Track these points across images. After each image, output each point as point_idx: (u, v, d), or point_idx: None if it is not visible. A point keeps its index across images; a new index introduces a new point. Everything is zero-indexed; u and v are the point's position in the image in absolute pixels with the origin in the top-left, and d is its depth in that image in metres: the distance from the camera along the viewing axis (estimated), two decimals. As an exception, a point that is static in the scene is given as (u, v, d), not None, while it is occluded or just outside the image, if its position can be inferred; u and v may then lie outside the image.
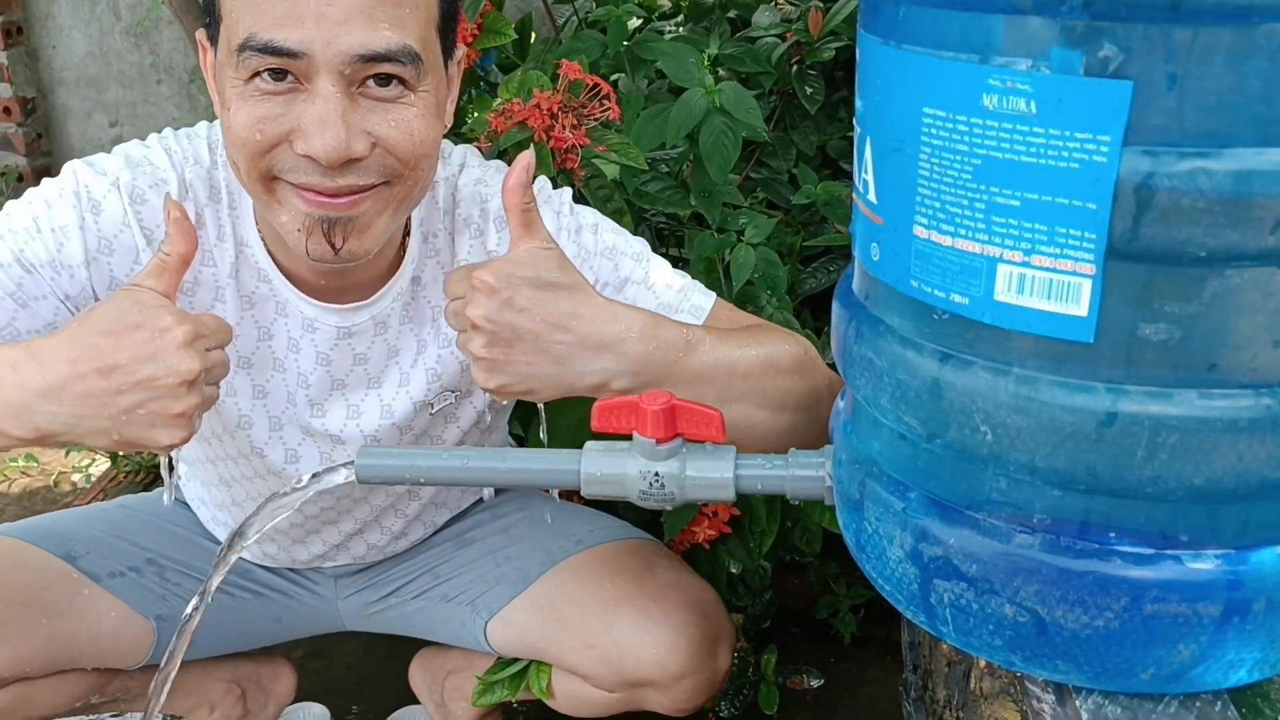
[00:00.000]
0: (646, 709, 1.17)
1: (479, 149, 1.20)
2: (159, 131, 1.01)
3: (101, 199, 0.94)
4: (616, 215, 1.31)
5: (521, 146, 1.24)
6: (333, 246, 0.88)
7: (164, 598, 1.19)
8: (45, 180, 0.96)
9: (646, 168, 1.27)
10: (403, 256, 1.02)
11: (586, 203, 1.32)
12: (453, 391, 1.10)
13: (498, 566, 1.22)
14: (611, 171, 1.25)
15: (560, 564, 1.20)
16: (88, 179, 0.94)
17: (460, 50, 0.96)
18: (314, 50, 0.81)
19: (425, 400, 1.08)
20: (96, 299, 0.95)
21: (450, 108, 0.96)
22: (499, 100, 1.63)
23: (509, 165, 1.03)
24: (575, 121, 1.25)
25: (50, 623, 1.09)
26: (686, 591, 1.15)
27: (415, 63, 0.85)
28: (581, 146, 1.24)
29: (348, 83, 0.83)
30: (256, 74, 0.83)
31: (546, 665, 1.23)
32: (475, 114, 1.69)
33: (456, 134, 1.65)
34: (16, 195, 3.60)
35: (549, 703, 1.23)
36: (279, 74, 0.83)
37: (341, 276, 0.99)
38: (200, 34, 0.91)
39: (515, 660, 1.26)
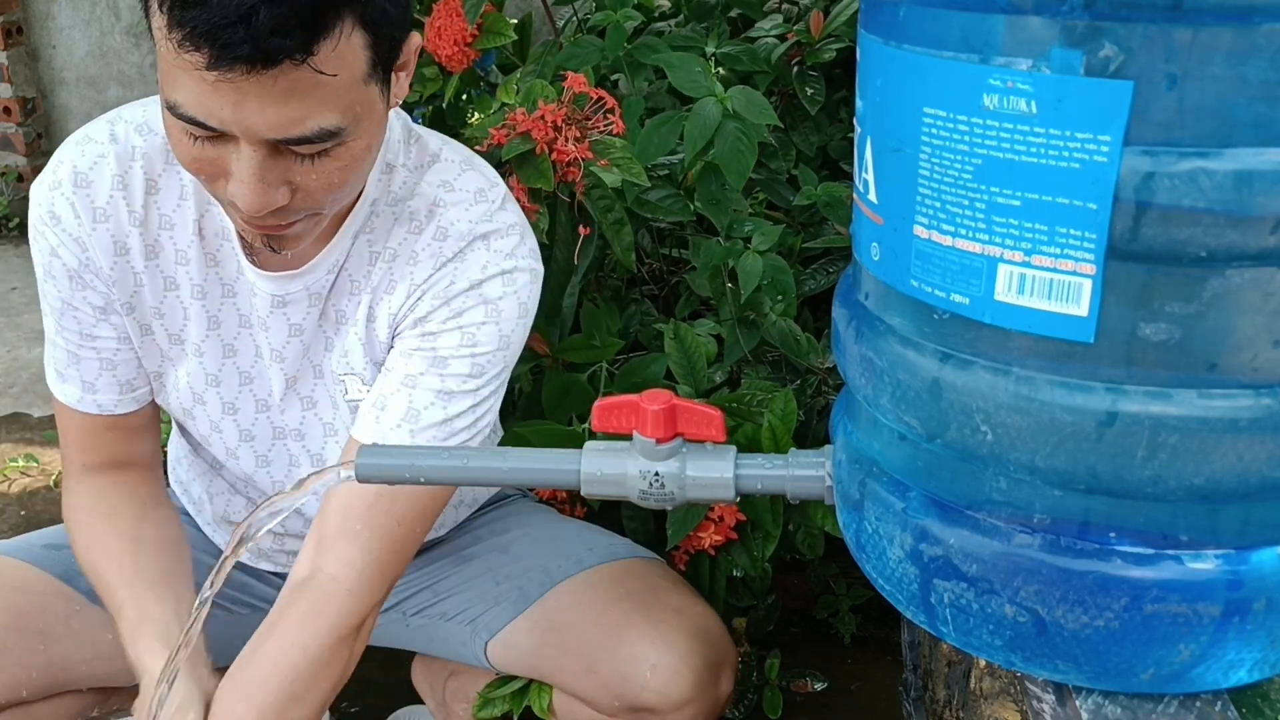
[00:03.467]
0: None
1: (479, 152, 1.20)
2: None
3: (54, 208, 0.98)
4: (617, 226, 1.31)
5: (525, 157, 1.24)
6: (273, 249, 0.94)
7: None
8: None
9: (648, 184, 1.26)
10: (339, 228, 1.00)
11: (587, 214, 1.32)
12: (363, 381, 1.07)
13: (497, 585, 1.21)
14: (612, 180, 1.25)
15: (560, 584, 1.19)
16: (40, 196, 0.99)
17: (411, 43, 0.91)
18: (232, 130, 0.80)
19: (339, 375, 1.06)
20: (114, 289, 1.01)
21: (400, 93, 0.93)
22: (497, 103, 1.63)
23: (491, 178, 1.02)
24: (579, 134, 1.25)
25: (47, 647, 1.08)
26: (690, 617, 1.14)
27: (338, 134, 0.83)
28: (585, 160, 1.24)
29: (270, 145, 0.82)
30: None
31: (548, 685, 1.22)
32: (476, 114, 1.69)
33: (457, 136, 1.66)
34: (16, 195, 3.60)
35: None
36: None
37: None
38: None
39: (517, 676, 1.25)
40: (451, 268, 0.99)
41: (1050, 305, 0.55)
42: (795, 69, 1.58)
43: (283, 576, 1.26)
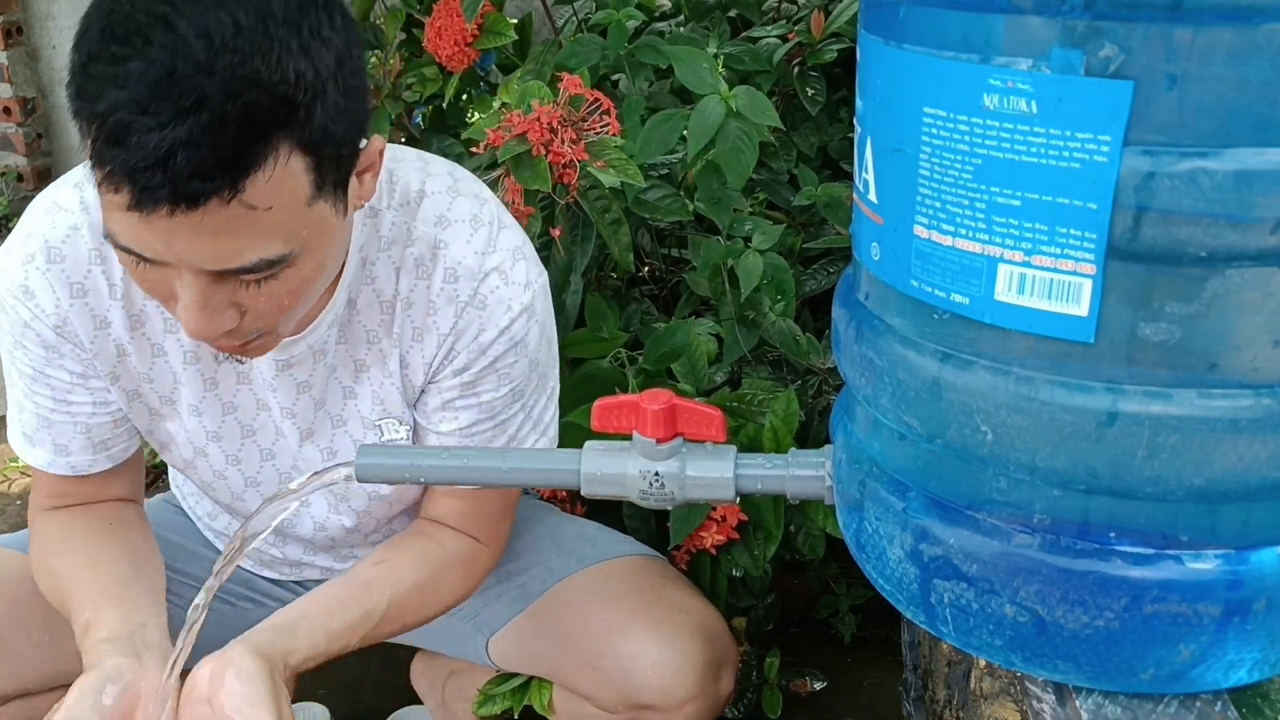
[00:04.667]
0: None
1: (474, 155, 1.19)
2: None
3: (27, 282, 0.94)
4: (615, 226, 1.31)
5: (521, 159, 1.24)
6: (239, 361, 0.92)
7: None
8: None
9: (644, 184, 1.26)
10: (337, 282, 0.96)
11: (584, 214, 1.32)
12: (400, 422, 1.06)
13: (499, 582, 1.21)
14: (610, 181, 1.25)
15: (562, 581, 1.19)
16: (11, 269, 0.94)
17: (372, 147, 0.85)
18: (169, 261, 0.77)
19: (374, 421, 1.06)
20: (96, 359, 0.98)
21: (365, 195, 0.88)
22: (497, 102, 1.63)
23: (478, 192, 0.99)
24: (575, 136, 1.24)
25: (51, 639, 1.08)
26: (692, 615, 1.14)
27: (283, 260, 0.79)
28: (580, 161, 1.24)
29: (212, 272, 0.78)
30: None
31: (549, 682, 1.22)
32: (476, 114, 1.69)
33: (455, 137, 1.66)
34: (17, 195, 3.58)
35: (550, 717, 1.23)
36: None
37: None
38: None
39: (518, 673, 1.26)
40: (475, 315, 0.97)
41: (1050, 305, 0.55)
42: (796, 69, 1.58)
43: (283, 584, 1.26)
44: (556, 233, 1.30)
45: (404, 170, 0.99)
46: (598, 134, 1.26)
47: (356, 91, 0.79)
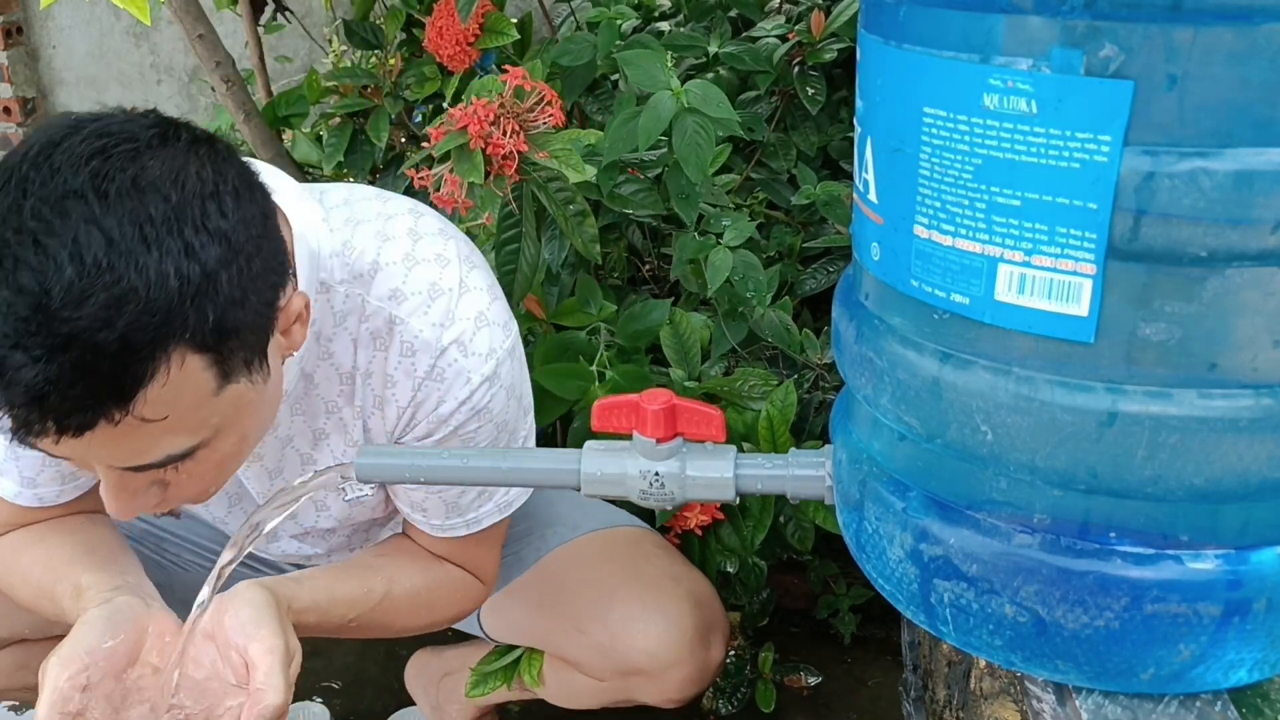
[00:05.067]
0: (637, 700, 1.17)
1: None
2: None
3: None
4: (579, 219, 1.31)
5: (461, 152, 1.23)
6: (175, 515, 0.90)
7: (162, 566, 1.19)
8: None
9: (589, 176, 1.26)
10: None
11: (543, 207, 1.32)
12: (367, 519, 1.06)
13: None
14: (576, 175, 1.25)
15: (555, 550, 1.20)
16: None
17: (292, 307, 0.81)
18: (77, 461, 0.75)
19: (336, 528, 1.06)
20: None
21: (295, 344, 0.84)
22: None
23: (440, 250, 0.94)
24: (516, 128, 1.24)
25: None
26: (681, 581, 1.16)
27: (196, 448, 0.76)
28: (520, 153, 1.24)
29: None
30: None
31: (538, 653, 1.23)
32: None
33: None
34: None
35: (539, 691, 1.23)
36: None
37: None
38: None
39: (509, 651, 1.26)
40: (434, 388, 0.94)
41: (1050, 305, 0.55)
42: (796, 69, 1.58)
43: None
44: (488, 219, 1.31)
45: (359, 238, 0.94)
46: (542, 126, 1.26)
47: (260, 270, 0.75)
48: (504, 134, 1.23)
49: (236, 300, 0.73)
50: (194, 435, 0.75)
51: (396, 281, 0.93)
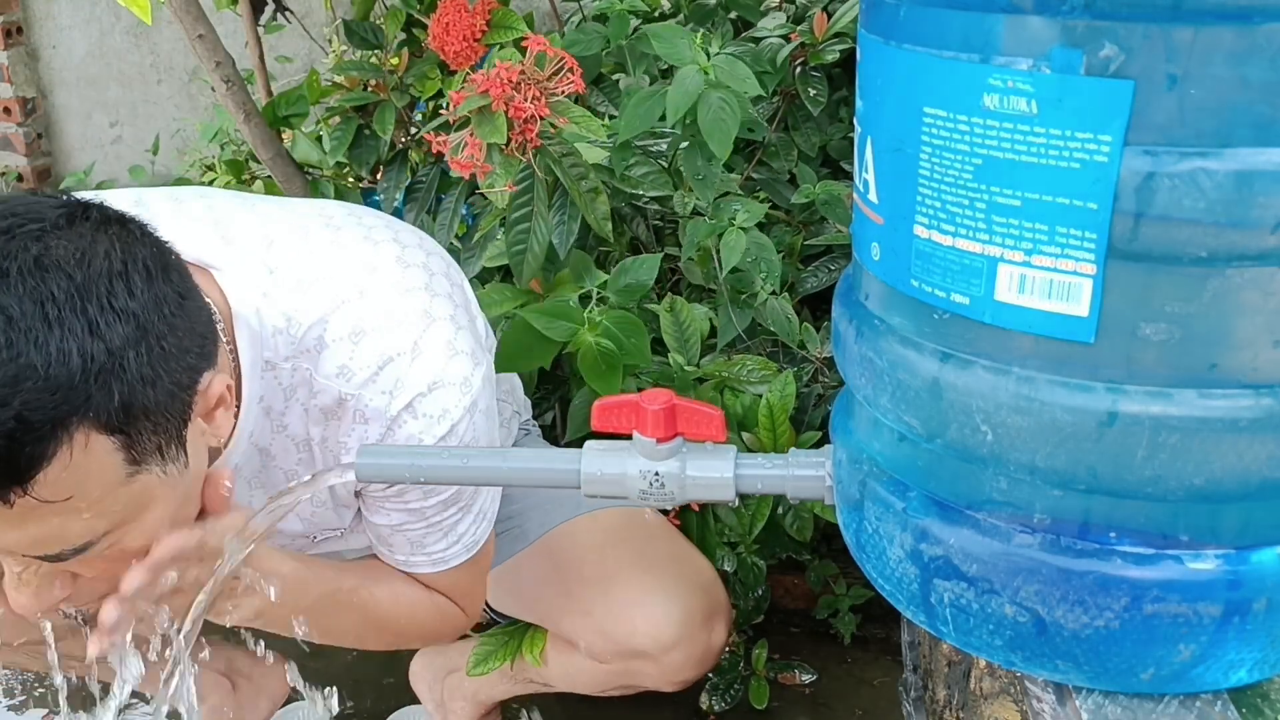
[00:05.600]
0: (638, 685, 1.17)
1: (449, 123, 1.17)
2: (157, 132, 0.99)
3: None
4: (591, 195, 1.30)
5: (482, 114, 1.22)
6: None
7: None
8: None
9: (606, 138, 1.25)
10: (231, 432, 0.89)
11: (559, 183, 1.31)
12: (335, 529, 1.05)
13: (496, 523, 1.22)
14: (593, 156, 1.24)
15: (558, 527, 1.20)
16: None
17: (213, 390, 0.79)
18: None
19: (303, 534, 1.05)
20: None
21: (220, 433, 0.82)
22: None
23: (390, 310, 0.91)
24: (537, 93, 1.24)
25: None
26: (683, 565, 1.16)
27: (105, 538, 0.74)
28: (542, 118, 1.23)
29: None
30: None
31: (541, 633, 1.23)
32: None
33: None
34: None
35: (540, 671, 1.23)
36: None
37: None
38: None
39: (511, 627, 1.26)
40: None
41: (1050, 305, 0.55)
42: (798, 69, 1.58)
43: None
44: (510, 187, 1.29)
45: (306, 307, 0.91)
46: (563, 93, 1.26)
47: (173, 350, 0.74)
48: (525, 99, 1.22)
49: (147, 379, 0.71)
50: (100, 522, 0.73)
51: (343, 359, 0.91)
